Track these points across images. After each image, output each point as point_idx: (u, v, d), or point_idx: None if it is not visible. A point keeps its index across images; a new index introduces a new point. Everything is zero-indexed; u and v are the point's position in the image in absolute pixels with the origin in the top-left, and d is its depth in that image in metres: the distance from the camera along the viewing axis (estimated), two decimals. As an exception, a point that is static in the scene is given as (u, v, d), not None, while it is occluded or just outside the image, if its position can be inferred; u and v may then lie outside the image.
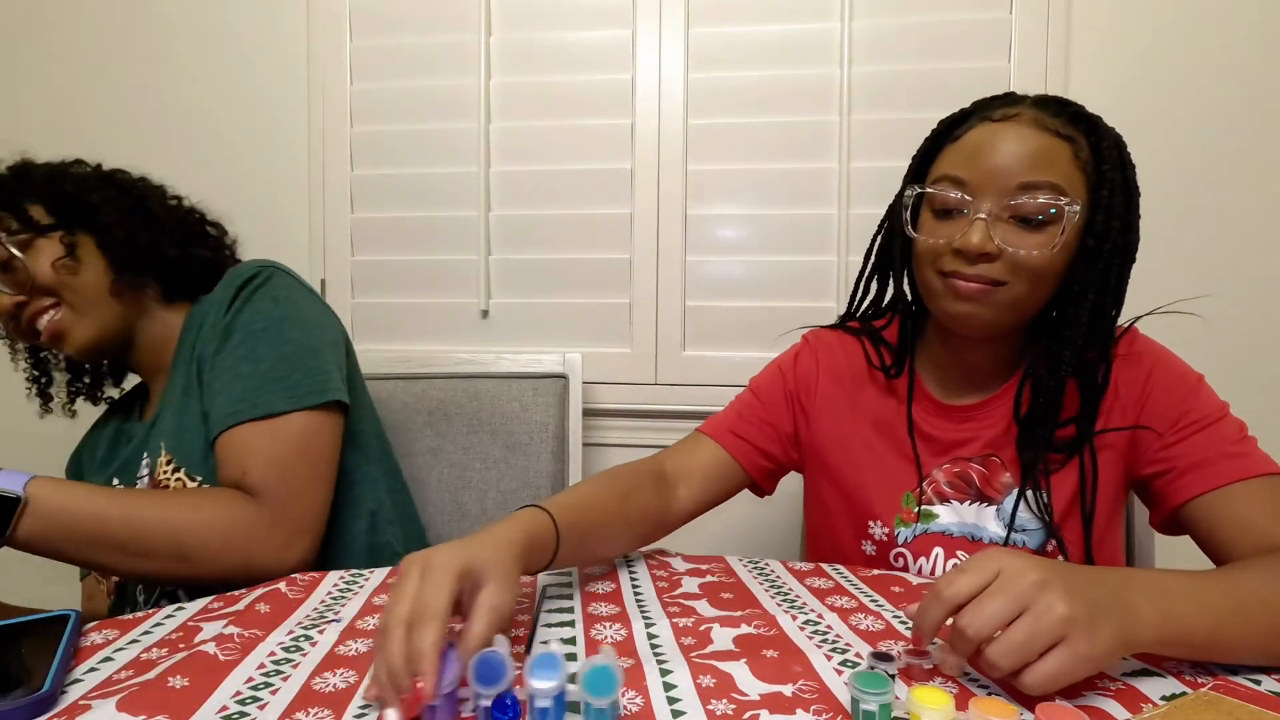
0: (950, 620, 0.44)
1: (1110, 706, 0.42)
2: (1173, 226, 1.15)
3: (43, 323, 0.79)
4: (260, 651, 0.50)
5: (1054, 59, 1.15)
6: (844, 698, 0.43)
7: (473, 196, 1.29)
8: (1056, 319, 0.67)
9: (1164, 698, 0.43)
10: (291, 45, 1.33)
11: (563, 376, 1.16)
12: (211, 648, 0.50)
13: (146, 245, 0.83)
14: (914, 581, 0.64)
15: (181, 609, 0.59)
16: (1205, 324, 1.12)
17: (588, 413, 1.23)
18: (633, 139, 1.26)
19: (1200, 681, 0.45)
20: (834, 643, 0.51)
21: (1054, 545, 0.68)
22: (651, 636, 0.52)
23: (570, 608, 0.58)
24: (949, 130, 0.69)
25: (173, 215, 0.88)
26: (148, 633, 0.54)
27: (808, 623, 0.54)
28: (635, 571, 0.67)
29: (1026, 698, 0.42)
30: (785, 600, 0.60)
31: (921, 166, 0.71)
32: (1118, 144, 0.64)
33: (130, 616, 0.57)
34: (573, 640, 0.51)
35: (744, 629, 0.53)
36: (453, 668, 0.40)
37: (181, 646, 0.51)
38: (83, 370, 0.97)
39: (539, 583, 0.64)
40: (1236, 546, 0.58)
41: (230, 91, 1.36)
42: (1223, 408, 0.65)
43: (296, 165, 1.34)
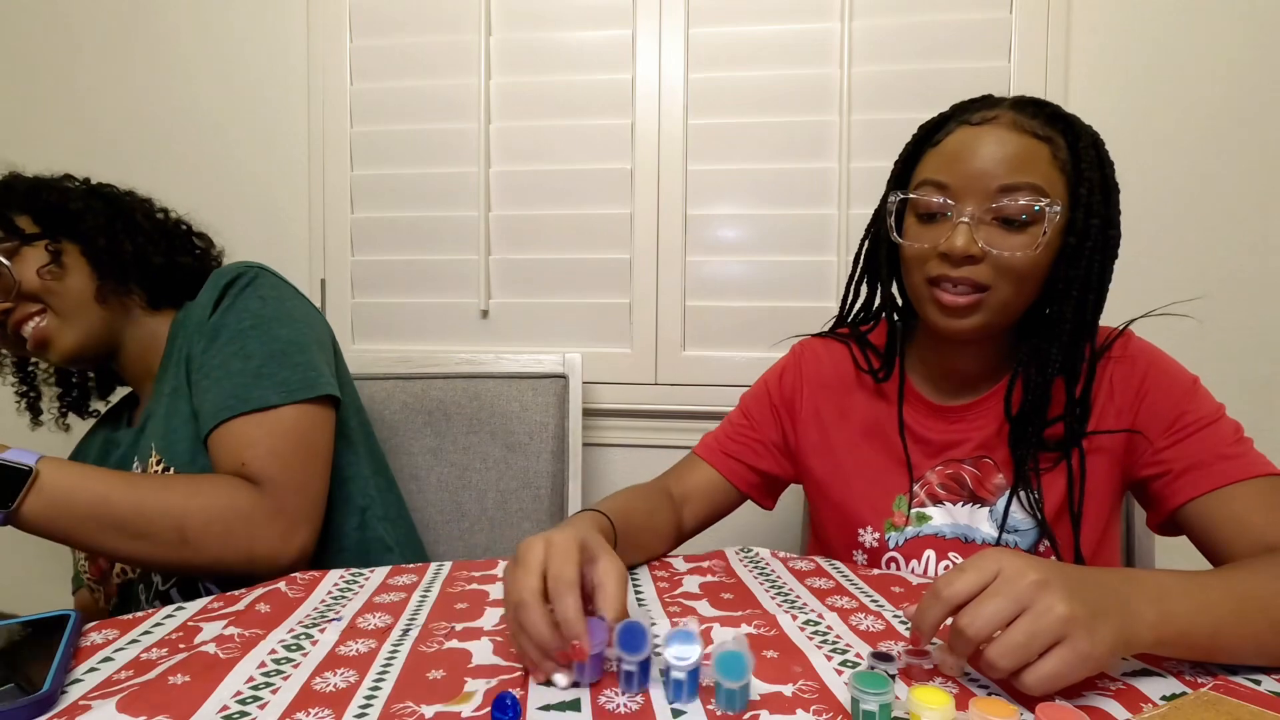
0: (949, 620, 0.44)
1: (1110, 706, 0.42)
2: (1172, 227, 1.15)
3: (28, 329, 0.79)
4: (261, 650, 0.50)
5: (1054, 59, 1.15)
6: (844, 698, 0.43)
7: (473, 196, 1.29)
8: (1042, 317, 0.67)
9: (1164, 698, 0.43)
10: (291, 45, 1.33)
11: (563, 376, 1.16)
12: (212, 648, 0.50)
13: (131, 252, 0.83)
14: (914, 581, 0.64)
15: (181, 609, 0.59)
16: (1201, 325, 1.12)
17: (588, 413, 1.23)
18: (633, 139, 1.26)
19: (1200, 681, 0.45)
20: (834, 643, 0.51)
21: (1046, 545, 0.68)
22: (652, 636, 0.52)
23: (570, 608, 0.58)
24: (929, 135, 0.69)
25: (158, 225, 0.89)
26: (148, 633, 0.54)
27: (808, 623, 0.54)
28: (636, 573, 0.67)
29: (1026, 698, 0.42)
30: (785, 600, 0.60)
31: (904, 172, 0.71)
32: (1095, 142, 0.65)
33: (130, 616, 0.57)
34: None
35: (744, 629, 0.53)
36: (598, 629, 0.44)
37: (181, 646, 0.51)
38: (71, 384, 0.97)
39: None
40: (1234, 547, 0.59)
41: (230, 91, 1.36)
42: (1219, 409, 0.65)
43: (296, 165, 1.34)
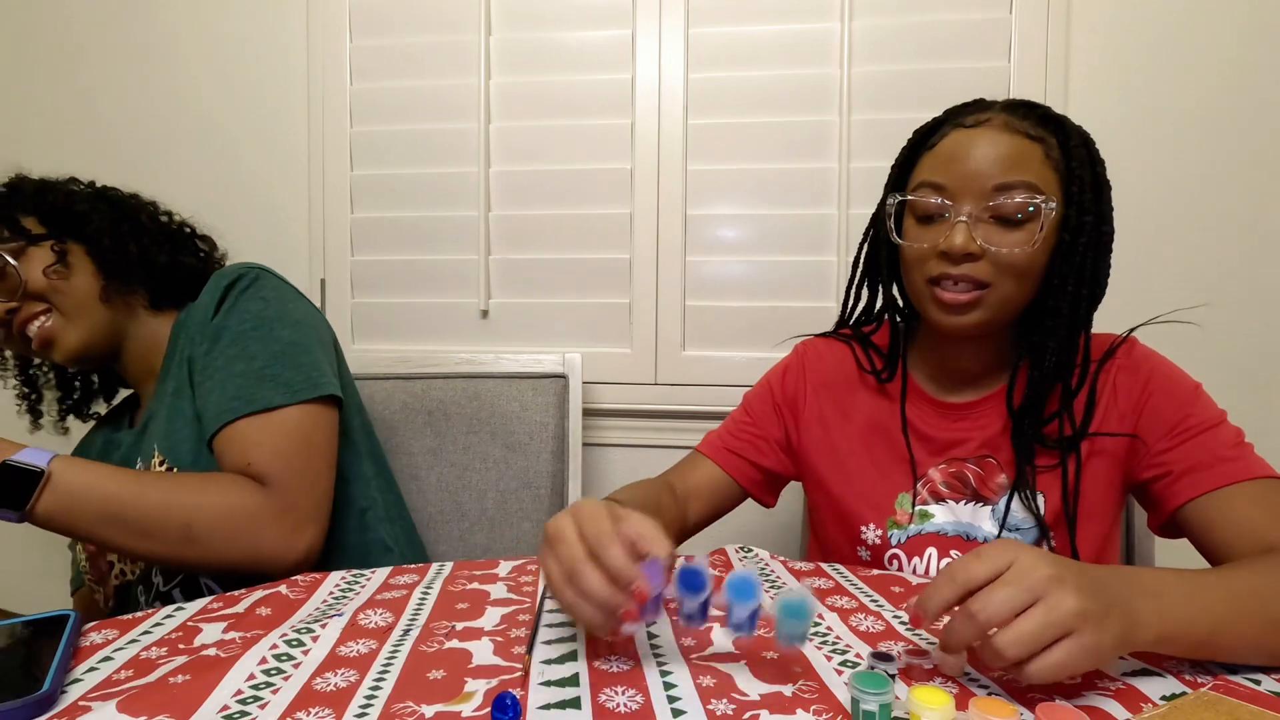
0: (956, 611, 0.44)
1: (1110, 706, 0.42)
2: (1172, 228, 1.15)
3: (33, 329, 0.79)
4: (261, 649, 0.49)
5: (1054, 59, 1.15)
6: (844, 698, 0.43)
7: (473, 196, 1.29)
8: (1040, 313, 0.68)
9: (1164, 698, 0.43)
10: (291, 45, 1.33)
11: (562, 376, 1.15)
12: (212, 649, 0.50)
13: (135, 252, 0.84)
14: (914, 581, 0.64)
15: (181, 609, 0.59)
16: (1203, 331, 1.12)
17: (587, 413, 1.23)
18: (633, 139, 1.26)
19: (1200, 681, 0.45)
20: (834, 643, 0.51)
21: (1046, 546, 0.69)
22: (651, 636, 0.52)
23: (570, 608, 0.58)
24: (924, 139, 0.71)
25: (162, 227, 0.89)
26: (147, 632, 0.54)
27: (808, 623, 0.54)
28: (635, 571, 0.67)
29: (1027, 698, 0.43)
30: (785, 600, 0.60)
31: (901, 175, 0.73)
32: (1085, 141, 0.67)
33: (130, 617, 0.57)
34: (573, 638, 0.51)
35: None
36: (652, 571, 0.44)
37: (181, 646, 0.51)
38: (72, 386, 0.97)
39: (540, 584, 0.64)
40: (1233, 548, 0.59)
41: (230, 91, 1.36)
42: (1220, 415, 0.66)
43: (296, 165, 1.34)
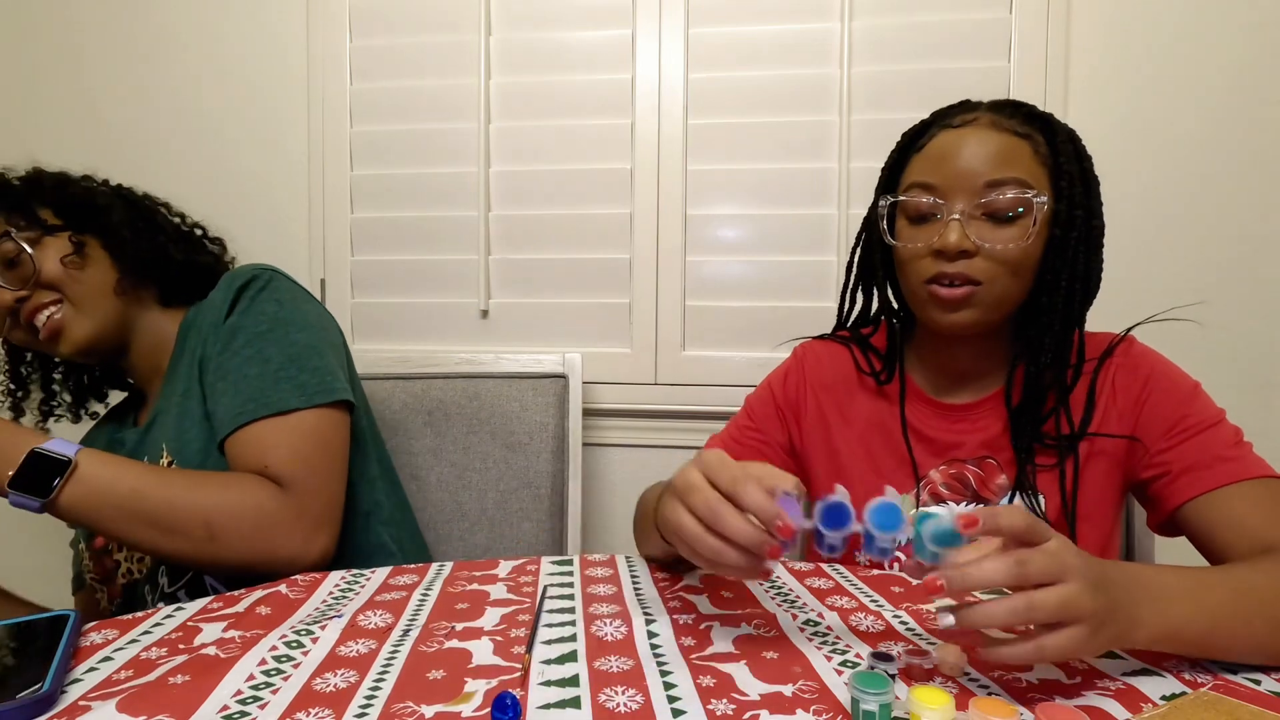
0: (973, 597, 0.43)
1: (1110, 706, 0.42)
2: (1173, 228, 1.15)
3: (41, 319, 0.79)
4: (261, 649, 0.50)
5: (1054, 59, 1.15)
6: (844, 698, 0.43)
7: (473, 196, 1.29)
8: (1035, 308, 0.68)
9: (1164, 698, 0.43)
10: (291, 46, 1.33)
11: (562, 376, 1.15)
12: (212, 649, 0.50)
13: (151, 248, 0.84)
14: (914, 581, 0.64)
15: (181, 609, 0.59)
16: (1202, 329, 1.12)
17: (587, 412, 1.23)
18: (633, 139, 1.26)
19: (1200, 681, 0.45)
20: (834, 643, 0.51)
21: None
22: (651, 635, 0.52)
23: (571, 608, 0.58)
24: (912, 141, 0.72)
25: (175, 227, 0.90)
26: (147, 633, 0.54)
27: (808, 623, 0.54)
28: (636, 571, 0.68)
29: (1027, 698, 0.43)
30: (785, 600, 0.60)
31: (891, 178, 0.73)
32: (1071, 137, 0.68)
33: (130, 617, 0.57)
34: (573, 638, 0.51)
35: (744, 629, 0.53)
36: (790, 506, 0.45)
37: (181, 646, 0.51)
38: (54, 391, 0.97)
39: (540, 583, 0.64)
40: (1233, 547, 0.59)
41: (230, 91, 1.36)
42: (1219, 414, 0.66)
43: (296, 165, 1.34)
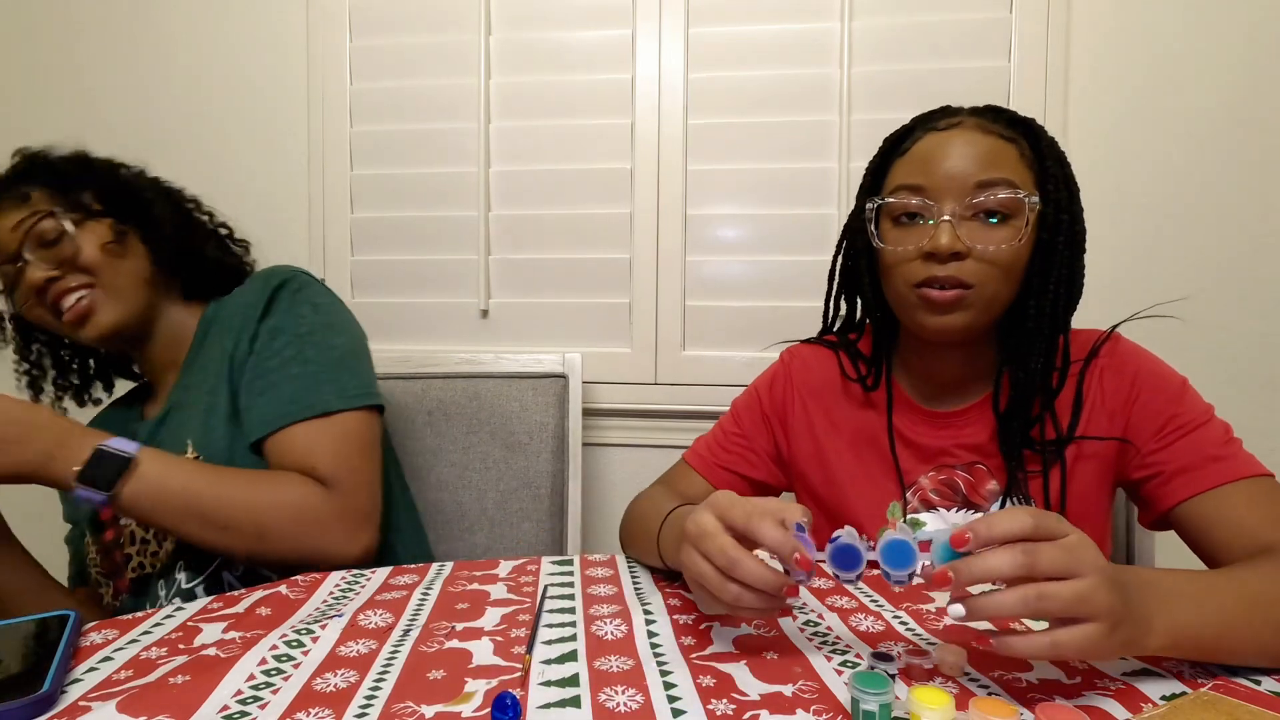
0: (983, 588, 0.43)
1: (1110, 706, 0.42)
2: (1172, 226, 1.15)
3: (70, 301, 0.78)
4: (261, 649, 0.50)
5: (1054, 59, 1.15)
6: (844, 698, 0.43)
7: (473, 196, 1.29)
8: (1022, 312, 0.68)
9: (1164, 698, 0.43)
10: (291, 45, 1.33)
11: (562, 376, 1.15)
12: (212, 650, 0.50)
13: (188, 245, 0.87)
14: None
15: (181, 609, 0.59)
16: (1204, 329, 1.12)
17: (587, 412, 1.23)
18: (633, 139, 1.26)
19: (1200, 681, 0.45)
20: (834, 643, 0.51)
21: None
22: (651, 635, 0.52)
23: (571, 608, 0.58)
24: (895, 145, 0.71)
25: (205, 225, 0.93)
26: (147, 633, 0.54)
27: (807, 623, 0.54)
28: (636, 571, 0.68)
29: (1027, 698, 0.43)
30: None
31: (874, 182, 0.72)
32: (1052, 142, 0.68)
33: (130, 617, 0.57)
34: (573, 638, 0.51)
35: (744, 629, 0.53)
36: (804, 538, 0.46)
37: (181, 647, 0.51)
38: (69, 368, 0.96)
39: (540, 582, 0.64)
40: (1228, 548, 0.59)
41: (230, 91, 1.36)
42: (1208, 410, 0.66)
43: (296, 165, 1.34)
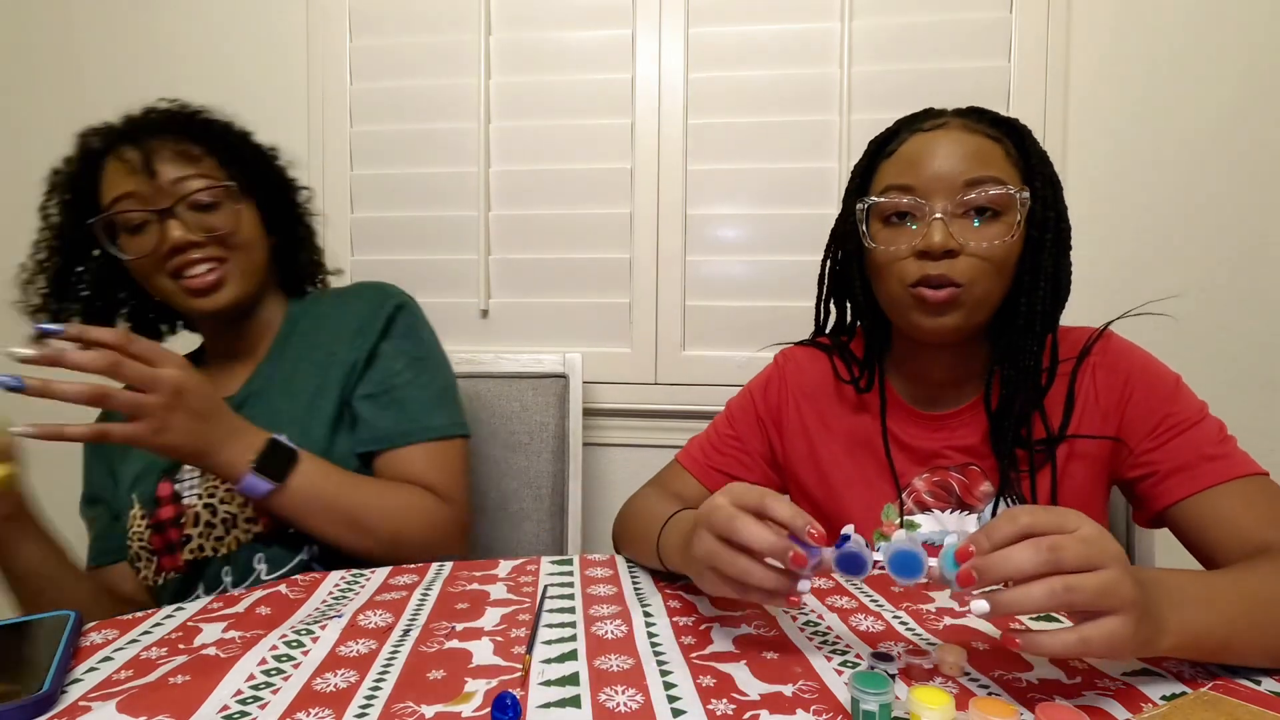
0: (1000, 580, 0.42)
1: (1110, 706, 0.42)
2: (1172, 225, 1.15)
3: (200, 269, 0.77)
4: (261, 649, 0.50)
5: (1054, 59, 1.15)
6: (844, 698, 0.43)
7: (472, 196, 1.29)
8: (1012, 311, 0.67)
9: (1164, 698, 0.43)
10: (291, 45, 1.33)
11: (563, 376, 1.15)
12: (212, 650, 0.50)
13: (305, 241, 0.92)
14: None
15: (181, 609, 0.59)
16: (1204, 329, 1.12)
17: (588, 412, 1.23)
18: (633, 139, 1.26)
19: (1200, 681, 0.45)
20: (834, 643, 0.51)
21: None
22: (651, 635, 0.52)
23: (571, 607, 0.58)
24: (881, 147, 0.71)
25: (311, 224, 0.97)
26: (147, 633, 0.54)
27: (808, 623, 0.54)
28: (636, 571, 0.68)
29: (1027, 698, 0.43)
30: (785, 600, 0.60)
31: (861, 184, 0.72)
32: (1035, 141, 0.68)
33: (130, 617, 0.57)
34: (573, 638, 0.51)
35: (744, 629, 0.53)
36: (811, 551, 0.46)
37: (181, 647, 0.51)
38: (138, 310, 0.90)
39: (540, 582, 0.64)
40: (1225, 547, 0.59)
41: (230, 91, 1.35)
42: (1202, 408, 0.65)
43: (297, 165, 1.33)
